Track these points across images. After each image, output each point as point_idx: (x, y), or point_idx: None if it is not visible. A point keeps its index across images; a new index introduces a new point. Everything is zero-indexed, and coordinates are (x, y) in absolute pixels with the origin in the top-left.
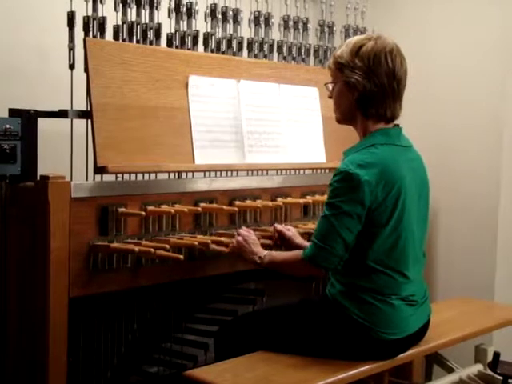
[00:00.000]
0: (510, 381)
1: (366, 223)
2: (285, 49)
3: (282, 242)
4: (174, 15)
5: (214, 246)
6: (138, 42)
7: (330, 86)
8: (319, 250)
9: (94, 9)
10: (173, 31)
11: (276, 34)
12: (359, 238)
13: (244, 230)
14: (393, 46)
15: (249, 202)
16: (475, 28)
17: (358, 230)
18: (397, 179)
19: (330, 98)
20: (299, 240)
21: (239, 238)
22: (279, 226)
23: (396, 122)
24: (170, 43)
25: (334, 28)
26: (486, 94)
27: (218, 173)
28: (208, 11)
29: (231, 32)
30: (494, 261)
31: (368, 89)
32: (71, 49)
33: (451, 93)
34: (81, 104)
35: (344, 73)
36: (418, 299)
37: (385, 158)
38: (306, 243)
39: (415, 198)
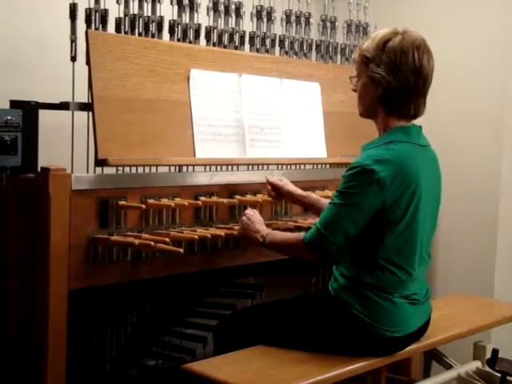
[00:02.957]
0: (508, 378)
1: (379, 220)
2: (287, 43)
3: (278, 195)
4: (176, 8)
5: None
6: (139, 34)
7: (355, 80)
8: (320, 237)
9: (96, 1)
10: (175, 24)
11: (278, 29)
12: (370, 233)
13: (249, 210)
14: (420, 41)
15: (249, 197)
16: (477, 26)
17: (364, 224)
18: (413, 178)
19: (354, 91)
20: (292, 187)
21: (244, 218)
22: (271, 179)
23: None
24: (171, 36)
25: (336, 23)
26: (487, 92)
27: (219, 167)
28: (210, 5)
29: (233, 26)
30: (493, 258)
31: (393, 85)
32: (73, 41)
33: (452, 90)
34: (82, 96)
35: (369, 67)
36: (420, 298)
37: (403, 155)
38: (300, 191)
39: (429, 199)
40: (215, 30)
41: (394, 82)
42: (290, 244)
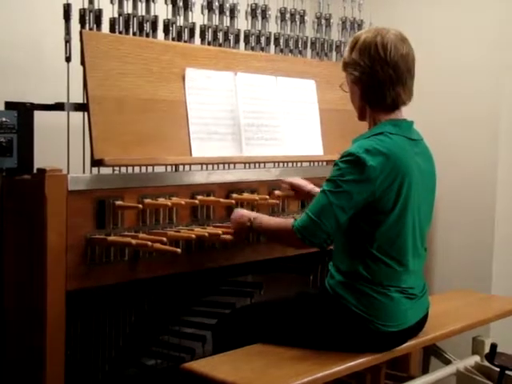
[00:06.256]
0: (507, 372)
1: (371, 210)
2: (282, 41)
3: (298, 194)
4: (170, 7)
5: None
6: (134, 34)
7: (346, 89)
8: (310, 223)
9: (90, 1)
10: (169, 23)
11: (273, 27)
12: (364, 225)
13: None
14: (384, 33)
15: (246, 195)
16: (473, 23)
17: (352, 212)
18: (403, 169)
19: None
20: (310, 186)
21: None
22: (289, 180)
23: None
24: (166, 36)
25: (331, 20)
26: (483, 88)
27: (216, 165)
28: (205, 3)
29: (228, 24)
30: (491, 253)
31: (364, 80)
32: (67, 41)
33: (448, 87)
34: (77, 97)
35: (348, 71)
36: (417, 293)
37: (393, 146)
38: (317, 188)
39: (421, 191)
40: (210, 29)
41: (364, 77)
42: (278, 229)
